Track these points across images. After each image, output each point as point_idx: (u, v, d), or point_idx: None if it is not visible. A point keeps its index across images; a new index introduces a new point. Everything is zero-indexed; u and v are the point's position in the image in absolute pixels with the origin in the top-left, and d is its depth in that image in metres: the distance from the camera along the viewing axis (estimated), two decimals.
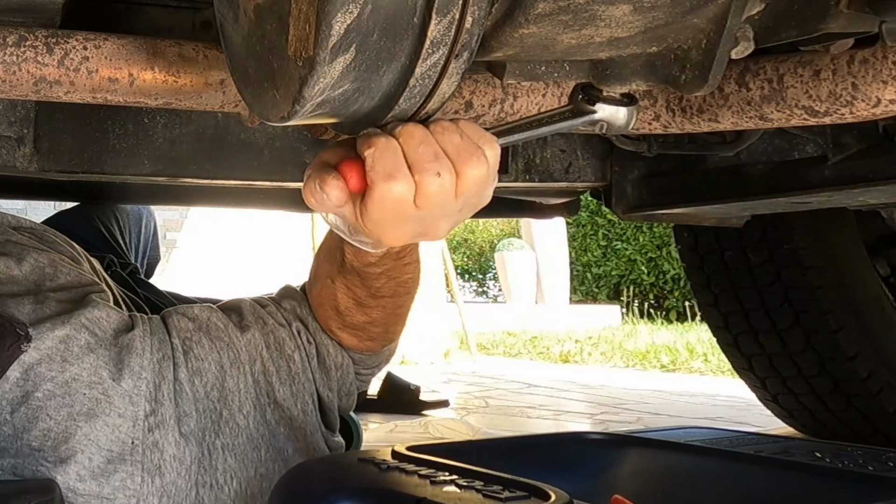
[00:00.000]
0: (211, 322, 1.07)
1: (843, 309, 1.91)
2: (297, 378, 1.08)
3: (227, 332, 1.06)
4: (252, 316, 1.10)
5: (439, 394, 2.99)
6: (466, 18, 0.62)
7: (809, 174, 1.34)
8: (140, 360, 1.00)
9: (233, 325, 1.08)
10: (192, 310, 1.08)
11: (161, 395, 0.99)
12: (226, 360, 1.04)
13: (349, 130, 0.74)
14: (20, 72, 0.80)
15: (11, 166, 1.18)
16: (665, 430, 1.20)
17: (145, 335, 1.02)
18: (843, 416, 2.05)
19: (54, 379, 0.96)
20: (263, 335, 1.08)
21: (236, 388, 1.04)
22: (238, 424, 1.03)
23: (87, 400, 0.96)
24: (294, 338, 1.09)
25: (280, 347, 1.08)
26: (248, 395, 1.04)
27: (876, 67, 0.79)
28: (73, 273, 1.13)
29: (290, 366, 1.08)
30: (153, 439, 0.97)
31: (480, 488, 0.75)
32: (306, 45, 0.61)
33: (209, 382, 1.03)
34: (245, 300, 1.13)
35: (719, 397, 3.43)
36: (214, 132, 1.25)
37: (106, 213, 2.03)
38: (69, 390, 0.96)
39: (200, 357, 1.03)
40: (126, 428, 0.96)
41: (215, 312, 1.09)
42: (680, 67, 0.77)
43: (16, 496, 0.87)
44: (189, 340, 1.04)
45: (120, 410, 0.97)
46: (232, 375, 1.04)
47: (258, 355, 1.06)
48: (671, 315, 9.32)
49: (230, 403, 1.03)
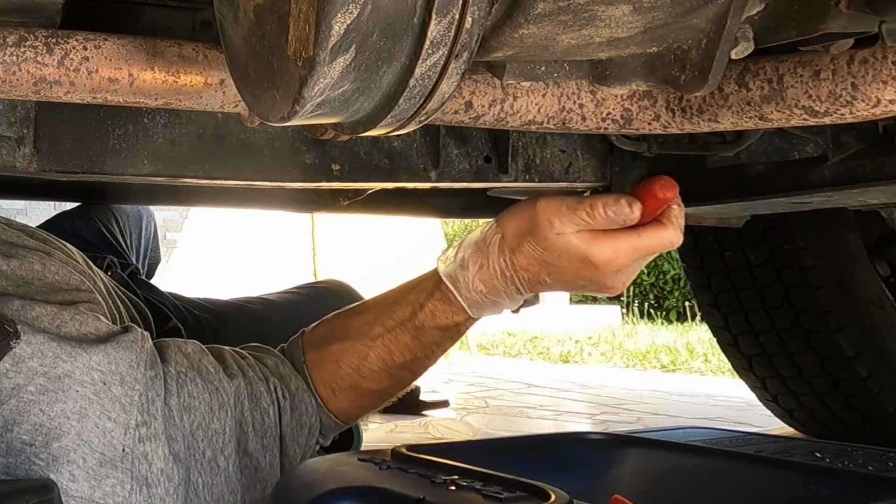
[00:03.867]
0: (203, 364, 1.08)
1: (843, 309, 1.92)
2: (269, 432, 1.09)
3: (218, 377, 1.07)
4: (235, 365, 1.11)
5: (439, 394, 2.99)
6: (466, 19, 0.62)
7: (809, 174, 1.34)
8: (133, 371, 0.99)
9: (222, 370, 1.09)
10: (186, 346, 1.09)
11: (154, 410, 0.99)
12: (215, 402, 1.05)
13: (349, 130, 0.75)
14: (20, 72, 0.80)
15: (11, 166, 1.17)
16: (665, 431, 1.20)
17: (140, 350, 1.02)
18: (843, 416, 2.05)
19: (47, 374, 0.96)
20: (245, 385, 1.09)
21: (221, 430, 1.05)
22: (219, 465, 1.04)
23: (79, 398, 0.96)
24: (270, 393, 1.11)
25: (257, 400, 1.09)
26: (231, 439, 1.05)
27: (876, 67, 0.79)
28: (62, 272, 1.13)
29: (265, 419, 1.09)
30: (143, 450, 0.97)
31: (480, 488, 0.75)
32: (306, 46, 0.61)
33: (196, 421, 1.03)
34: (225, 349, 1.15)
35: (719, 397, 3.43)
36: (214, 132, 1.25)
37: (106, 214, 2.03)
38: (62, 386, 0.95)
39: (193, 395, 1.04)
40: (118, 434, 0.96)
41: (206, 355, 1.10)
42: (680, 67, 0.77)
43: (13, 496, 0.87)
44: (184, 376, 1.05)
45: (111, 415, 0.96)
46: (219, 418, 1.05)
47: (240, 402, 1.08)
48: (671, 315, 9.31)
49: (214, 444, 1.04)
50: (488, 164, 1.43)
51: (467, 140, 1.41)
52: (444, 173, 1.39)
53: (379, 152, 1.36)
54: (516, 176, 1.45)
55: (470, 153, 1.41)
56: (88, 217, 1.99)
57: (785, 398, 2.14)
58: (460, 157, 1.41)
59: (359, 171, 1.34)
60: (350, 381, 1.13)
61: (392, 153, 1.36)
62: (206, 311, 1.79)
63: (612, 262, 1.00)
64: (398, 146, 1.37)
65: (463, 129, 1.40)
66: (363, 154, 1.35)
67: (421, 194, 1.82)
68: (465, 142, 1.41)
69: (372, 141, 1.34)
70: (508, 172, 1.43)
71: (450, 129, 1.39)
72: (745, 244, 1.97)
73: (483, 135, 1.42)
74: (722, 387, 3.77)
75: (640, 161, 1.55)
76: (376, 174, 1.36)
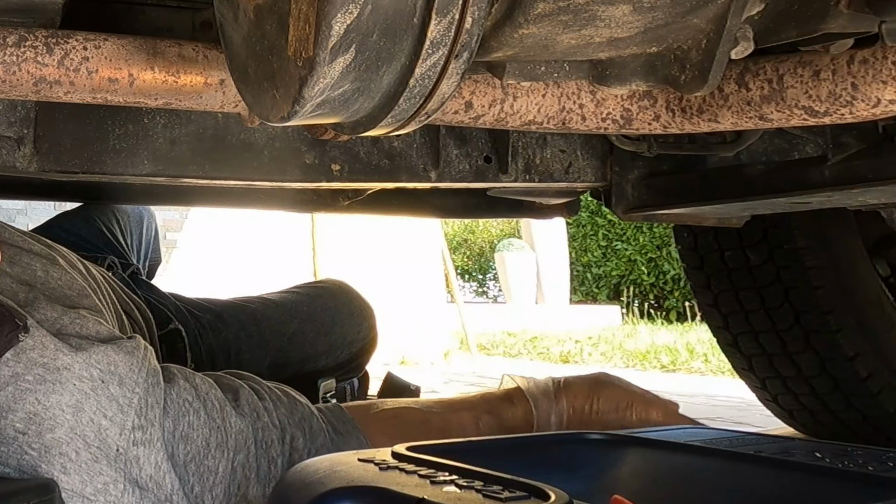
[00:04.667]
0: (209, 397, 1.06)
1: (843, 309, 1.91)
2: (274, 482, 1.07)
3: (222, 414, 1.06)
4: (248, 405, 1.09)
5: (439, 394, 2.99)
6: (466, 19, 0.62)
7: (809, 174, 1.34)
8: (133, 375, 0.99)
9: (229, 406, 1.07)
10: (195, 378, 1.08)
11: (152, 416, 0.99)
12: (213, 439, 1.04)
13: (349, 130, 0.75)
14: (20, 72, 0.80)
15: (11, 166, 1.18)
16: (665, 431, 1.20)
17: (143, 357, 1.01)
18: (843, 416, 2.05)
19: (46, 365, 0.96)
20: (254, 430, 1.07)
21: (214, 469, 1.03)
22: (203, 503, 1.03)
23: (76, 391, 0.96)
24: (283, 443, 1.09)
25: (266, 447, 1.07)
26: (223, 481, 1.04)
27: (876, 67, 0.79)
28: (65, 278, 1.13)
29: (272, 468, 1.08)
30: (135, 454, 0.96)
31: (480, 488, 0.75)
32: (306, 46, 0.61)
33: (191, 453, 1.02)
34: (243, 385, 1.13)
35: (719, 397, 3.43)
36: (214, 132, 1.25)
37: (107, 215, 2.03)
38: (60, 378, 0.95)
39: (193, 426, 1.03)
40: (113, 433, 0.96)
41: (215, 389, 1.08)
42: (680, 67, 0.77)
43: (14, 495, 0.87)
44: (188, 405, 1.04)
45: (107, 413, 0.96)
46: (214, 456, 1.03)
47: (245, 446, 1.06)
48: (671, 315, 9.32)
49: (204, 482, 1.03)
50: (488, 164, 1.43)
51: (467, 140, 1.41)
52: (444, 173, 1.39)
53: (379, 152, 1.36)
54: (516, 176, 1.45)
55: (470, 153, 1.41)
56: (89, 217, 1.99)
57: (785, 398, 2.14)
58: (460, 157, 1.41)
59: (359, 171, 1.35)
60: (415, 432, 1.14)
61: (392, 153, 1.36)
62: (207, 312, 1.79)
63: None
64: (398, 146, 1.37)
65: (463, 129, 1.40)
66: (363, 154, 1.35)
67: (421, 194, 1.82)
68: (465, 142, 1.41)
69: (372, 141, 1.34)
70: (508, 172, 1.44)
71: (450, 129, 1.39)
72: (745, 244, 1.97)
73: (483, 135, 1.42)
74: (722, 387, 3.78)
75: (640, 161, 1.55)
76: (376, 174, 1.36)
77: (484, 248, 13.75)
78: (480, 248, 13.96)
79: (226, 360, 1.76)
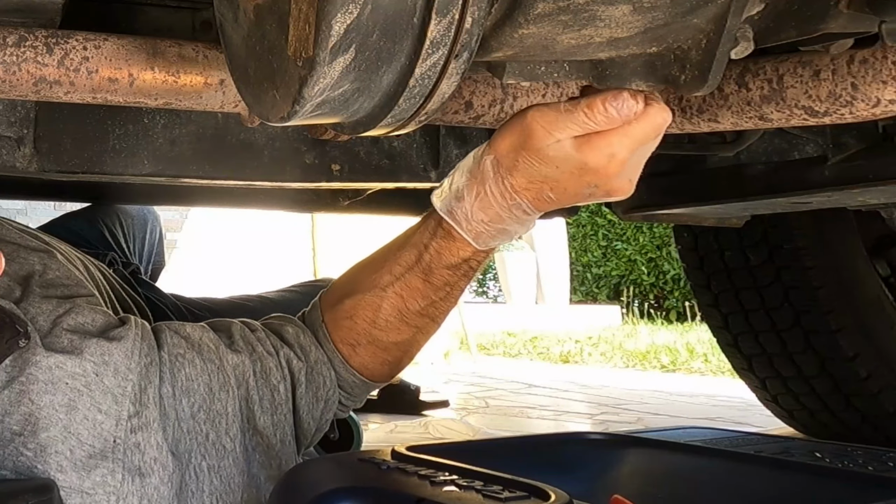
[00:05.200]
0: (203, 342, 1.05)
1: (843, 309, 1.92)
2: (280, 409, 1.07)
3: (219, 354, 1.05)
4: (242, 340, 1.09)
5: (439, 394, 2.99)
6: (466, 19, 0.62)
7: (809, 174, 1.34)
8: (127, 361, 0.99)
9: (223, 346, 1.07)
10: (184, 328, 1.07)
11: (146, 399, 0.98)
12: (215, 382, 1.03)
13: (349, 130, 0.75)
14: (20, 72, 0.80)
15: (11, 166, 1.18)
16: (665, 431, 1.20)
17: (136, 338, 1.01)
18: (843, 416, 2.05)
19: (38, 364, 0.96)
20: (252, 361, 1.07)
21: (224, 410, 1.03)
22: (224, 447, 1.02)
23: (68, 390, 0.95)
24: (281, 368, 1.08)
25: (266, 376, 1.07)
26: (235, 419, 1.03)
27: (876, 67, 0.79)
28: (62, 270, 1.13)
29: (274, 395, 1.07)
30: (135, 440, 0.96)
31: (480, 488, 0.75)
32: (306, 46, 0.61)
33: (196, 403, 1.02)
34: (235, 322, 1.12)
35: (719, 397, 3.43)
36: (214, 132, 1.25)
37: (111, 217, 2.03)
38: (52, 377, 0.95)
39: (191, 377, 1.02)
40: (108, 426, 0.96)
41: (207, 332, 1.07)
42: (680, 67, 0.77)
43: (13, 496, 0.87)
44: (181, 358, 1.03)
45: (102, 407, 0.96)
46: (220, 398, 1.03)
47: (244, 381, 1.05)
48: (671, 315, 9.31)
49: (218, 426, 1.02)
50: None
51: (467, 140, 1.41)
52: (444, 173, 1.39)
53: (379, 152, 1.36)
54: None
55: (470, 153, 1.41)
56: (93, 219, 1.99)
57: (785, 398, 2.14)
58: (460, 157, 1.41)
59: (359, 171, 1.35)
60: (368, 335, 1.09)
61: (392, 153, 1.37)
62: (207, 311, 1.79)
63: (611, 161, 0.90)
64: (398, 146, 1.37)
65: (463, 129, 1.40)
66: (363, 154, 1.35)
67: (421, 194, 1.82)
68: (465, 142, 1.41)
69: (372, 141, 1.34)
70: None
71: (450, 129, 1.39)
72: (745, 244, 1.97)
73: (483, 135, 1.42)
74: (722, 387, 3.78)
75: None
76: (376, 174, 1.36)
77: None
78: None
79: None
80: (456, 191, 1.00)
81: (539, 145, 0.91)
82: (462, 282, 1.07)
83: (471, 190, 0.98)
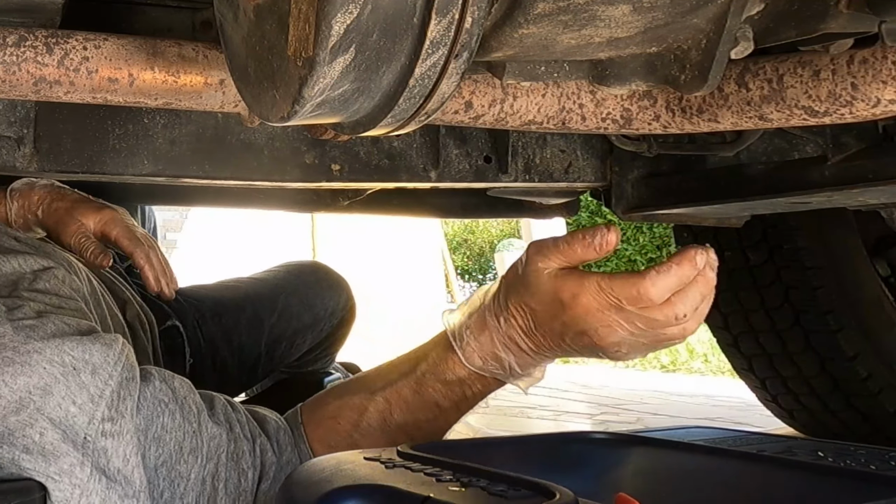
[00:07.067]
0: (187, 401, 1.03)
1: (843, 309, 1.92)
2: (243, 496, 1.04)
3: (199, 419, 1.03)
4: (223, 414, 1.07)
5: None
6: (466, 19, 0.62)
7: (809, 174, 1.34)
8: (108, 367, 0.96)
9: (205, 413, 1.04)
10: (174, 380, 1.05)
11: (123, 409, 0.96)
12: (187, 443, 1.01)
13: (349, 130, 0.75)
14: (20, 72, 0.80)
15: (11, 166, 1.18)
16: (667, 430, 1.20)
17: (121, 352, 0.99)
18: (843, 416, 2.05)
19: (16, 349, 0.93)
20: (228, 439, 1.04)
21: (186, 475, 1.00)
22: None
23: (45, 374, 0.93)
24: (254, 455, 1.06)
25: (237, 459, 1.04)
26: (194, 489, 1.01)
27: (876, 67, 0.79)
28: (52, 281, 1.11)
29: (241, 481, 1.04)
30: (103, 445, 0.94)
31: (486, 487, 0.75)
32: (306, 46, 0.61)
33: (162, 456, 0.99)
34: (218, 396, 1.10)
35: (719, 398, 3.43)
36: (214, 132, 1.26)
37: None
38: (29, 360, 0.93)
39: (166, 428, 1.00)
40: (81, 421, 0.93)
41: (193, 394, 1.05)
42: (680, 67, 0.77)
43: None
44: (163, 405, 1.01)
45: (76, 400, 0.93)
46: (187, 461, 1.00)
47: (216, 455, 1.03)
48: None
49: (175, 487, 1.00)
50: (488, 164, 1.43)
51: (467, 140, 1.41)
52: (444, 173, 1.39)
53: (379, 152, 1.36)
54: (516, 176, 1.45)
55: (470, 153, 1.41)
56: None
57: (785, 398, 2.14)
58: (460, 157, 1.41)
59: (359, 171, 1.35)
60: (348, 438, 1.07)
61: (392, 153, 1.37)
62: (206, 298, 1.80)
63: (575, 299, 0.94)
64: (398, 146, 1.37)
65: (463, 129, 1.40)
66: (363, 154, 1.35)
67: (421, 194, 1.82)
68: (465, 142, 1.41)
69: (372, 141, 1.34)
70: (508, 172, 1.44)
71: (450, 129, 1.39)
72: (745, 244, 1.97)
73: (483, 135, 1.42)
74: (722, 387, 3.78)
75: (639, 161, 1.55)
76: (376, 174, 1.36)
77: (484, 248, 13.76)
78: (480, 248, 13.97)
79: (227, 346, 1.77)
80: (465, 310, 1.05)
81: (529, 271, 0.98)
82: (451, 413, 1.08)
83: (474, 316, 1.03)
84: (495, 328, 1.01)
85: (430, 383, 1.05)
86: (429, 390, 1.06)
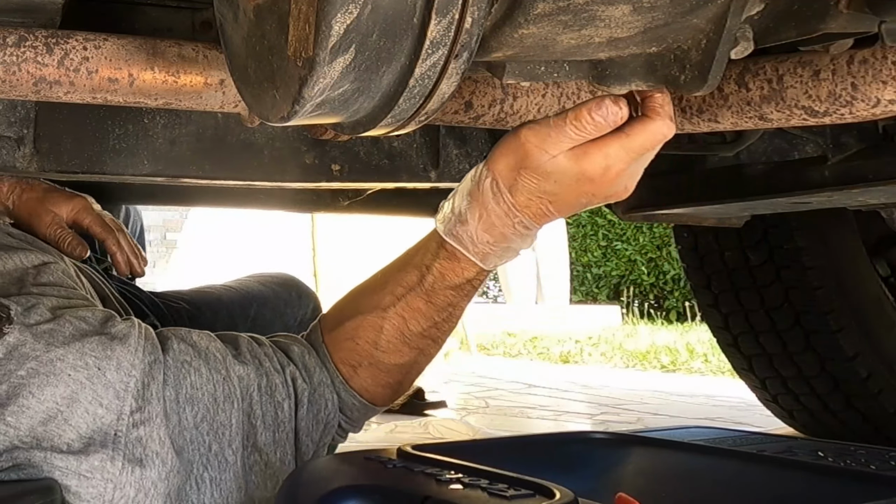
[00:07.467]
0: (210, 351, 1.04)
1: (843, 309, 1.92)
2: (282, 427, 1.06)
3: (225, 364, 1.04)
4: (249, 353, 1.08)
5: (439, 394, 2.99)
6: (466, 19, 0.62)
7: (809, 174, 1.34)
8: (131, 357, 0.98)
9: (230, 356, 1.05)
10: (191, 335, 1.06)
11: (149, 394, 0.98)
12: (220, 392, 1.02)
13: (349, 130, 0.75)
14: (20, 72, 0.80)
15: (11, 166, 1.18)
16: (667, 430, 1.20)
17: (139, 336, 1.00)
18: (844, 416, 2.05)
19: (38, 358, 0.95)
20: (258, 375, 1.05)
21: (228, 422, 1.02)
22: (227, 460, 1.01)
23: (71, 381, 0.95)
24: (287, 385, 1.07)
25: (271, 392, 1.06)
26: (238, 432, 1.02)
27: (875, 67, 0.79)
28: (56, 273, 1.12)
29: (278, 413, 1.06)
30: (137, 435, 0.96)
31: (486, 486, 0.75)
32: (306, 46, 0.61)
33: (200, 413, 1.01)
34: (242, 335, 1.11)
35: (719, 398, 3.43)
36: (214, 132, 1.25)
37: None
38: (54, 370, 0.95)
39: (196, 385, 1.01)
40: (109, 420, 0.95)
41: (214, 341, 1.06)
42: (680, 67, 0.77)
43: (18, 498, 0.87)
44: (187, 365, 1.02)
45: (103, 401, 0.95)
46: (225, 409, 1.02)
47: (248, 394, 1.04)
48: (671, 315, 9.32)
49: (220, 437, 1.01)
50: None
51: (467, 140, 1.41)
52: (444, 173, 1.39)
53: (379, 152, 1.36)
54: None
55: (470, 153, 1.41)
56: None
57: (785, 398, 2.14)
58: (460, 157, 1.41)
59: (359, 171, 1.35)
60: (369, 357, 1.08)
61: (392, 153, 1.36)
62: (181, 301, 1.81)
63: (607, 171, 0.92)
64: (398, 146, 1.37)
65: (463, 129, 1.40)
66: (363, 154, 1.35)
67: (421, 194, 1.82)
68: (465, 142, 1.41)
69: (372, 141, 1.34)
70: None
71: (450, 129, 1.39)
72: (745, 244, 1.97)
73: (483, 135, 1.42)
74: (722, 387, 3.78)
75: None
76: (376, 174, 1.36)
77: None
78: None
79: None
80: (458, 214, 1.01)
81: (536, 163, 0.93)
82: (464, 301, 1.07)
83: (473, 212, 0.99)
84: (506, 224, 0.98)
85: (441, 291, 1.04)
86: (440, 297, 1.05)
